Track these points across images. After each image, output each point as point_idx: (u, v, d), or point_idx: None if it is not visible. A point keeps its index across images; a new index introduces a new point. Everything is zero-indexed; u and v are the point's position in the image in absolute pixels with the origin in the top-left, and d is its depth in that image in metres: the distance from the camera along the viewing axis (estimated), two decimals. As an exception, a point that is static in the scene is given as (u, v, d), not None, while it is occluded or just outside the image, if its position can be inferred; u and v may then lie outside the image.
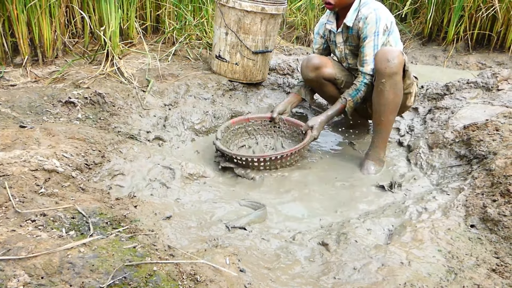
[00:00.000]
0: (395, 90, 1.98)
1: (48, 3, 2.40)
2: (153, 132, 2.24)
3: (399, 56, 1.94)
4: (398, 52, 1.95)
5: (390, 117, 2.07)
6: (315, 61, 2.29)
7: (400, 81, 1.98)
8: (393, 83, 1.96)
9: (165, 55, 2.93)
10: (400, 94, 2.01)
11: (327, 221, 1.68)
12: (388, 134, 2.15)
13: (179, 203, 1.73)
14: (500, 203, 1.46)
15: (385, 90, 1.98)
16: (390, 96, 1.99)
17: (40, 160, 1.47)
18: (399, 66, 1.94)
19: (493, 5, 3.86)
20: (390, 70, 1.93)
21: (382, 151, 2.15)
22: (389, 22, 2.13)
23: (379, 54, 1.97)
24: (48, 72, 2.46)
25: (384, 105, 2.02)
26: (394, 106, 2.04)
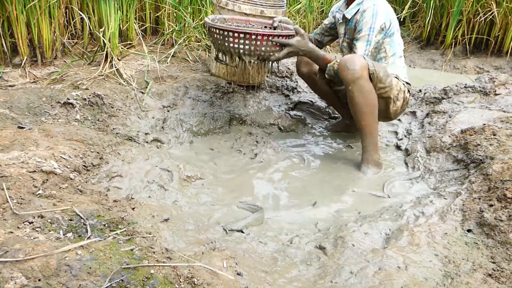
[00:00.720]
0: (363, 93, 2.00)
1: (48, 4, 2.40)
2: (152, 134, 2.24)
3: (359, 61, 1.97)
4: (357, 58, 1.98)
5: (369, 120, 2.08)
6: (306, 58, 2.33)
7: (365, 85, 1.99)
8: (359, 87, 1.99)
9: (164, 57, 2.93)
10: (370, 96, 2.02)
11: (324, 224, 1.69)
12: (375, 136, 2.14)
13: (177, 206, 1.73)
14: (496, 208, 1.47)
15: (355, 96, 2.01)
16: (360, 100, 2.02)
17: (38, 162, 1.47)
18: (360, 71, 1.96)
19: (491, 10, 3.89)
20: (351, 76, 1.97)
21: (375, 154, 2.15)
22: (388, 21, 2.11)
23: (339, 65, 2.01)
24: (47, 73, 2.46)
25: (359, 110, 2.05)
26: (368, 108, 2.04)
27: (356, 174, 2.16)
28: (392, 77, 2.13)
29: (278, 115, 2.68)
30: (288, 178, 2.10)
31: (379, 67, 2.06)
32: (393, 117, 2.32)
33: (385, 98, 2.14)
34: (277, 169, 2.17)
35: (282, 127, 2.64)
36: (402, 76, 2.24)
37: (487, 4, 3.97)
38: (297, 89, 2.91)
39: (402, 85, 2.21)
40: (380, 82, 2.07)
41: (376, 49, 2.19)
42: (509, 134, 1.98)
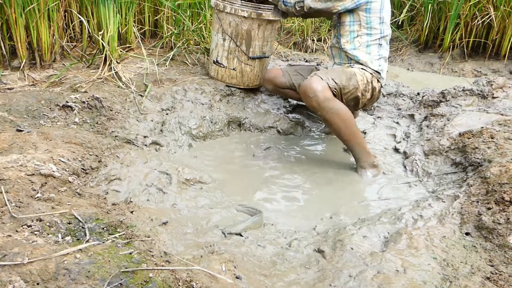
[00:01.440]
0: (333, 113, 2.03)
1: (47, 7, 2.40)
2: (150, 137, 2.24)
3: (316, 86, 2.01)
4: (315, 83, 2.02)
5: (349, 133, 2.11)
6: (268, 75, 2.58)
7: (332, 105, 2.02)
8: (327, 109, 2.03)
9: (163, 60, 2.94)
10: (341, 112, 2.05)
11: (323, 227, 1.69)
12: (361, 144, 2.16)
13: (176, 209, 1.73)
14: (494, 211, 1.47)
15: (327, 118, 2.06)
16: (333, 120, 2.05)
17: (36, 165, 1.47)
18: (321, 95, 2.00)
19: (489, 14, 3.91)
20: (316, 103, 2.02)
21: (368, 158, 2.16)
22: None
23: (301, 94, 2.08)
24: (46, 76, 2.46)
25: (336, 128, 2.10)
26: (344, 123, 2.07)
27: (354, 177, 2.16)
28: (355, 77, 2.14)
29: (277, 118, 2.68)
30: (286, 181, 2.10)
31: (339, 77, 2.09)
32: (367, 107, 2.38)
33: (353, 98, 2.18)
34: (276, 172, 2.17)
35: (281, 130, 2.65)
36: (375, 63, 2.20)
37: (484, 8, 3.99)
38: (295, 92, 2.92)
39: (369, 76, 2.19)
40: (345, 89, 2.11)
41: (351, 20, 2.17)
42: (507, 137, 1.99)
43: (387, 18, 2.18)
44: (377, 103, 3.02)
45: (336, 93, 2.08)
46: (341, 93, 2.11)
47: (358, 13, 2.13)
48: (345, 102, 2.16)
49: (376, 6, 2.12)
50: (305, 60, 3.81)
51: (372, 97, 2.27)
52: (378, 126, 2.73)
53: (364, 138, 2.27)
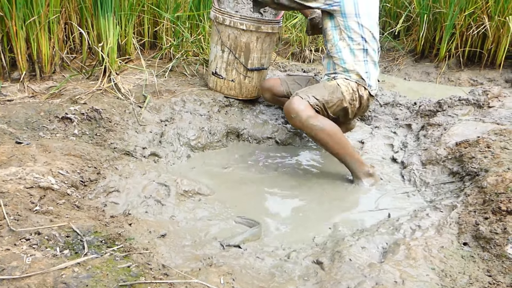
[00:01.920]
0: (317, 129, 2.06)
1: (47, 20, 2.43)
2: (149, 148, 2.25)
3: (298, 106, 2.05)
4: (296, 103, 2.05)
5: (338, 147, 2.13)
6: (266, 84, 2.58)
7: (315, 122, 2.05)
8: (312, 127, 2.06)
9: (162, 71, 2.96)
10: (326, 128, 2.07)
11: (321, 238, 1.69)
12: (352, 155, 2.17)
13: (174, 221, 1.73)
14: (492, 221, 1.48)
15: (312, 135, 2.09)
16: (319, 135, 2.08)
17: (35, 177, 1.47)
18: (303, 114, 2.04)
19: (483, 24, 3.95)
20: (299, 123, 2.06)
21: (362, 168, 2.17)
22: None
23: (285, 112, 2.12)
24: (46, 88, 2.48)
25: (324, 144, 2.12)
26: (331, 138, 2.09)
27: (352, 187, 2.17)
28: (339, 89, 2.16)
29: (275, 128, 2.69)
30: (285, 192, 2.10)
31: (320, 93, 2.12)
32: (359, 115, 2.41)
33: (341, 109, 2.20)
34: (274, 183, 2.18)
35: (279, 140, 2.66)
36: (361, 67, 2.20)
37: (479, 18, 4.04)
38: (293, 102, 2.94)
39: (354, 85, 2.20)
40: (328, 104, 2.14)
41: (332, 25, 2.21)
42: (503, 147, 2.01)
43: (365, 22, 2.17)
44: (374, 113, 3.04)
45: (319, 109, 2.10)
46: (325, 108, 2.13)
47: (336, 18, 2.18)
48: (332, 115, 2.18)
49: (350, 10, 2.14)
50: (302, 71, 3.84)
51: (361, 105, 2.27)
52: (376, 136, 2.75)
53: (357, 148, 2.27)
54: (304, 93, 2.12)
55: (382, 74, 4.48)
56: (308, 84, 2.49)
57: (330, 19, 2.21)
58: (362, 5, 2.16)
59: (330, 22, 2.21)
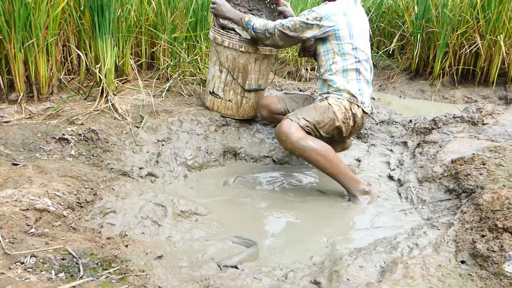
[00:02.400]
0: (309, 150, 2.09)
1: (46, 42, 2.46)
2: (146, 168, 2.25)
3: (288, 128, 2.07)
4: (286, 126, 2.08)
5: (331, 167, 2.14)
6: (263, 101, 2.62)
7: (305, 143, 2.08)
8: (303, 149, 2.08)
9: (159, 91, 2.99)
10: (317, 147, 2.09)
11: (319, 258, 1.68)
12: (346, 174, 2.17)
13: (171, 242, 1.72)
14: (488, 239, 1.48)
15: (305, 156, 2.12)
16: (311, 156, 2.10)
17: (31, 200, 1.47)
18: (294, 136, 2.06)
19: (475, 42, 4.02)
20: (290, 145, 2.08)
21: (357, 186, 2.17)
22: (329, 18, 2.15)
23: (276, 136, 2.15)
24: (43, 109, 2.49)
25: (318, 165, 2.15)
26: (323, 157, 2.11)
27: (349, 205, 2.17)
28: (330, 109, 2.18)
29: (272, 147, 2.71)
30: (282, 211, 2.10)
31: (310, 114, 2.14)
32: (355, 134, 2.46)
33: (334, 129, 2.21)
34: (271, 202, 2.18)
35: (276, 159, 2.67)
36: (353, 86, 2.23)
37: (471, 37, 4.11)
38: (290, 121, 2.96)
39: (346, 104, 2.22)
40: (320, 124, 2.15)
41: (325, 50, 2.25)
42: (498, 163, 2.02)
43: (359, 44, 2.22)
44: (370, 131, 3.06)
45: (310, 130, 2.12)
46: (317, 128, 2.15)
47: (331, 42, 2.21)
48: (325, 135, 2.20)
49: (345, 33, 2.18)
50: (299, 89, 3.88)
51: (356, 123, 2.28)
52: (372, 153, 2.76)
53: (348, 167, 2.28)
54: (294, 115, 2.14)
55: (378, 92, 4.53)
56: (305, 102, 2.52)
57: (323, 44, 2.25)
58: (355, 25, 2.20)
59: (323, 46, 2.25)
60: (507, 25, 3.90)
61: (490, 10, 3.94)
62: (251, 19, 2.32)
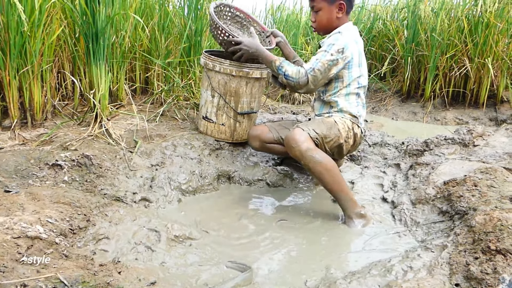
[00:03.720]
0: (316, 163, 2.11)
1: (40, 69, 2.48)
2: (140, 193, 2.24)
3: (299, 137, 2.11)
4: (297, 134, 2.12)
5: (333, 183, 2.16)
6: (253, 132, 2.58)
7: (314, 154, 2.11)
8: (310, 159, 2.10)
9: (153, 116, 3.01)
10: (324, 161, 2.12)
11: (313, 282, 1.67)
12: (346, 193, 2.19)
13: (164, 267, 1.70)
14: (482, 261, 1.48)
15: (311, 168, 2.13)
16: (317, 169, 2.12)
17: (23, 227, 1.46)
18: (304, 146, 2.09)
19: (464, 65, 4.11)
20: (299, 153, 2.11)
21: (354, 208, 2.18)
22: (349, 52, 2.21)
23: (286, 145, 2.17)
24: (37, 135, 2.49)
25: (321, 178, 2.16)
26: (328, 173, 2.13)
27: (343, 228, 2.17)
28: (336, 126, 2.24)
29: (266, 170, 2.71)
30: (276, 235, 2.09)
31: (319, 127, 2.19)
32: (351, 153, 2.52)
33: (337, 146, 2.27)
34: (266, 227, 2.17)
35: (270, 182, 2.67)
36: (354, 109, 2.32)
37: (460, 60, 4.21)
38: (283, 144, 2.98)
39: (349, 123, 2.30)
40: (326, 138, 2.21)
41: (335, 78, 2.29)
42: (489, 185, 2.04)
43: (364, 71, 2.35)
44: (363, 153, 3.09)
45: (318, 142, 2.16)
46: (324, 142, 2.20)
47: (342, 71, 2.26)
48: (329, 151, 2.24)
49: (356, 62, 2.28)
50: (292, 112, 3.92)
51: (355, 143, 2.36)
52: (366, 176, 2.78)
53: (349, 188, 2.30)
54: (305, 125, 2.18)
55: (371, 114, 4.59)
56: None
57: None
58: (362, 53, 2.31)
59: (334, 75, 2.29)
60: (494, 48, 4.00)
61: (477, 34, 4.06)
62: (283, 65, 2.23)
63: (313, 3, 2.32)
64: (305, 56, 4.80)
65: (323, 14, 2.31)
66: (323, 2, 2.29)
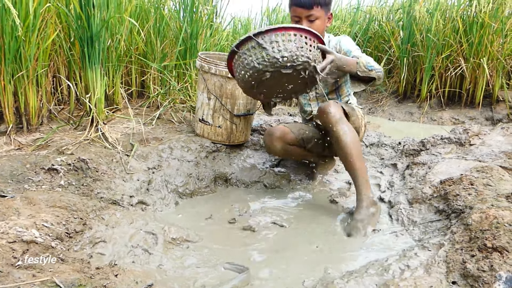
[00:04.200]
0: (346, 132, 2.16)
1: (36, 74, 2.48)
2: (136, 196, 2.24)
3: (334, 105, 2.18)
4: (332, 103, 2.20)
5: (357, 159, 2.18)
6: (276, 133, 2.46)
7: (345, 124, 2.19)
8: (340, 127, 2.16)
9: (149, 119, 3.01)
10: (354, 133, 2.20)
11: (311, 282, 1.67)
12: (365, 174, 2.21)
13: (161, 270, 1.70)
14: (478, 258, 1.48)
15: (337, 135, 2.16)
16: (345, 139, 2.16)
17: (18, 231, 1.45)
18: (338, 113, 2.17)
19: (460, 65, 4.13)
20: (333, 119, 2.15)
21: (368, 192, 2.19)
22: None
23: (319, 112, 2.22)
24: (32, 139, 2.49)
25: (347, 150, 2.17)
26: (354, 146, 2.18)
27: (341, 228, 2.16)
28: (355, 111, 2.42)
29: (263, 172, 2.71)
30: (274, 235, 2.09)
31: (346, 107, 2.33)
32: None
33: (355, 127, 2.35)
34: (263, 228, 2.17)
35: (267, 184, 2.67)
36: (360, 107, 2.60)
37: (455, 60, 4.23)
38: (280, 146, 2.98)
39: (362, 112, 2.53)
40: (352, 117, 2.35)
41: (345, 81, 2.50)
42: (485, 183, 2.04)
43: None
44: (360, 154, 3.09)
45: (347, 116, 2.29)
46: (348, 118, 2.30)
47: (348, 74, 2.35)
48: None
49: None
50: (289, 114, 3.93)
51: (364, 133, 2.53)
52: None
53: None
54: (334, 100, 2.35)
55: (367, 115, 4.60)
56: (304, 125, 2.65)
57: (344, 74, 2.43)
58: None
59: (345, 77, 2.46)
60: (489, 48, 4.02)
61: (472, 34, 4.07)
62: (368, 60, 2.22)
63: (310, 12, 2.25)
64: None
65: (320, 24, 2.29)
66: (322, 11, 2.28)
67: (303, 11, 2.26)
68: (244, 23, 5.52)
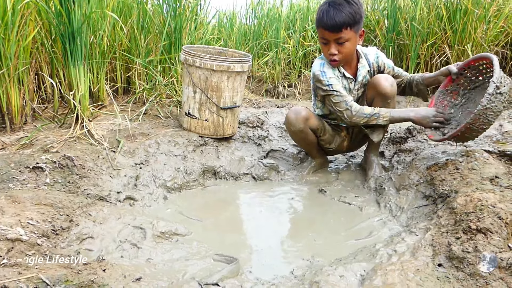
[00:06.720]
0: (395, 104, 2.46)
1: (17, 72, 2.44)
2: (124, 192, 2.22)
3: (392, 80, 2.39)
4: (391, 77, 2.40)
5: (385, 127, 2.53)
6: (303, 113, 2.46)
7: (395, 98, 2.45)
8: (394, 101, 2.42)
9: (135, 115, 2.98)
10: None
11: (300, 270, 1.68)
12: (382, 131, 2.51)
13: (150, 263, 1.69)
14: (463, 240, 1.50)
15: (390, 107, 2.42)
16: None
17: (3, 230, 1.44)
18: (395, 88, 2.40)
19: (445, 52, 4.15)
20: (393, 92, 2.38)
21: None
22: None
23: (382, 79, 2.37)
24: (16, 139, 2.46)
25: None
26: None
27: (329, 218, 2.18)
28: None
29: (251, 164, 2.72)
30: (262, 227, 2.10)
31: None
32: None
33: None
34: (252, 218, 2.17)
35: (255, 176, 2.67)
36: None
37: (440, 47, 4.25)
38: (268, 137, 2.98)
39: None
40: None
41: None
42: (470, 168, 2.07)
43: None
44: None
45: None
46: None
47: None
48: None
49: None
50: (276, 106, 3.92)
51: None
52: (351, 165, 2.80)
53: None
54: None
55: (354, 105, 4.61)
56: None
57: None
58: None
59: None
60: (473, 35, 4.05)
61: (456, 22, 4.10)
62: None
63: (339, 35, 2.20)
64: (287, 49, 4.80)
65: (350, 45, 2.26)
66: (351, 33, 2.21)
67: (331, 35, 2.22)
68: (229, 17, 5.49)
